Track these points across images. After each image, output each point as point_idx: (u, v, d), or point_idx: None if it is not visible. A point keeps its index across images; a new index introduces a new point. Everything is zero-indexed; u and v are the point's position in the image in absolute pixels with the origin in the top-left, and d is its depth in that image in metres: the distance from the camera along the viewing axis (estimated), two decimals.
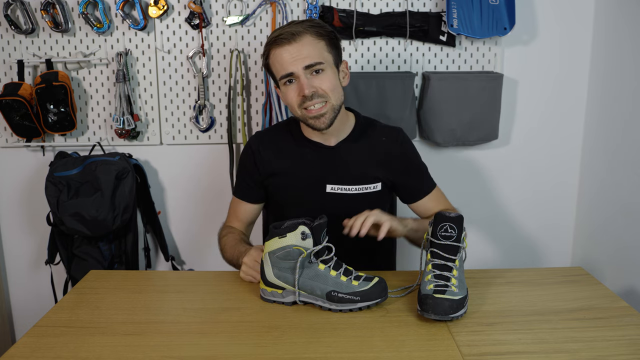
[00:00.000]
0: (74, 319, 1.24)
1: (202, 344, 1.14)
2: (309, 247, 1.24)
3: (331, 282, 1.25)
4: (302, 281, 1.26)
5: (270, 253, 1.28)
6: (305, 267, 1.26)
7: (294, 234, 1.24)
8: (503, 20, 1.93)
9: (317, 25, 1.46)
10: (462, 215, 1.29)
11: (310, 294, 1.26)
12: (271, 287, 1.29)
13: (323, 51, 1.44)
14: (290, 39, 1.41)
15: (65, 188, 1.95)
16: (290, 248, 1.24)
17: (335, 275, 1.25)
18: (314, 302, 1.27)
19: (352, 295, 1.24)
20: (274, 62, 1.46)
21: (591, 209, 2.11)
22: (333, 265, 1.27)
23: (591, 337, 1.15)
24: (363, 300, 1.24)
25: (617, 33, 1.93)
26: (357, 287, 1.24)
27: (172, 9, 1.99)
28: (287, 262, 1.26)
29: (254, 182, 1.60)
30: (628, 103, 1.85)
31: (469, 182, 2.18)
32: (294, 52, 1.41)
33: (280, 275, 1.27)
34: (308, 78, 1.42)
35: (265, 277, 1.29)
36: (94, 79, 2.05)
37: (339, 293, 1.24)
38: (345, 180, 1.55)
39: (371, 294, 1.24)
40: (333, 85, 1.45)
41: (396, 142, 1.58)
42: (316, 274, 1.25)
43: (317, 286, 1.25)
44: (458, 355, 1.08)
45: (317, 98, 1.43)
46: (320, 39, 1.44)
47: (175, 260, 2.20)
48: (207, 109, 2.06)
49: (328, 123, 1.47)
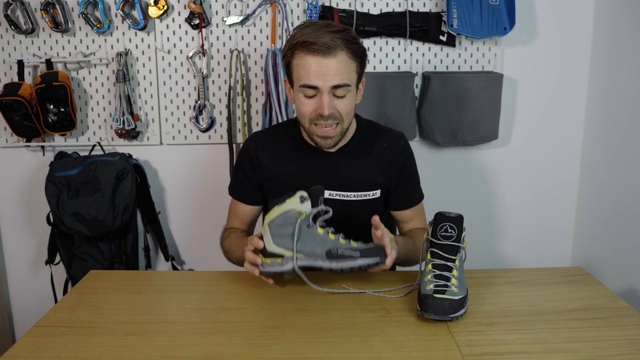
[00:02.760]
0: (74, 319, 1.24)
1: (202, 344, 1.14)
2: (308, 210, 1.26)
3: (330, 243, 1.27)
4: (302, 244, 1.27)
5: (269, 223, 1.29)
6: (304, 231, 1.27)
7: (293, 199, 1.27)
8: (503, 20, 1.93)
9: (353, 41, 1.37)
10: (462, 215, 1.29)
11: (309, 255, 1.27)
12: (271, 257, 1.29)
13: (352, 72, 1.38)
14: (326, 52, 1.33)
15: (65, 188, 1.95)
16: (289, 212, 1.26)
17: (335, 237, 1.28)
18: (313, 264, 1.27)
19: (352, 251, 1.26)
20: (299, 66, 1.37)
21: (591, 209, 2.11)
22: (332, 230, 1.30)
23: (591, 337, 1.15)
24: (363, 256, 1.26)
25: (617, 33, 1.93)
26: (357, 246, 1.28)
27: (172, 9, 1.99)
28: (286, 227, 1.27)
29: (250, 184, 1.58)
30: (628, 103, 1.85)
31: (469, 182, 2.18)
32: (324, 66, 1.34)
33: (279, 242, 1.28)
34: (330, 97, 1.37)
35: (265, 249, 1.30)
36: (94, 79, 2.05)
37: (338, 249, 1.26)
38: (344, 187, 1.52)
39: (371, 252, 1.27)
40: (350, 109, 1.42)
41: (397, 150, 1.55)
42: (315, 237, 1.27)
43: (316, 247, 1.27)
44: (458, 355, 1.08)
45: (332, 120, 1.39)
46: (353, 60, 1.38)
47: (175, 260, 2.20)
48: (207, 109, 2.06)
49: (333, 145, 1.46)
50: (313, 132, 1.44)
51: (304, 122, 1.44)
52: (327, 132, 1.41)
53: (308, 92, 1.38)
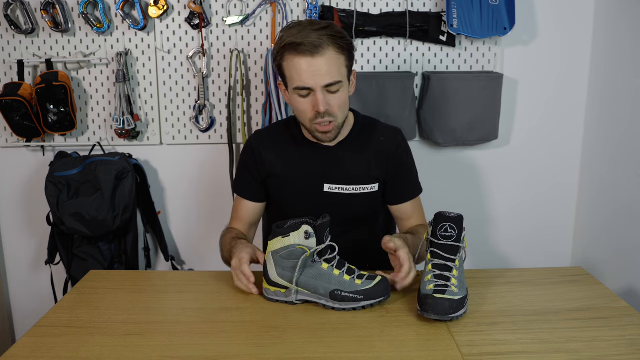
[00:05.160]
0: (74, 319, 1.24)
1: (202, 344, 1.14)
2: (312, 247, 1.24)
3: (334, 281, 1.25)
4: (305, 280, 1.26)
5: (273, 252, 1.28)
6: (309, 266, 1.26)
7: (298, 234, 1.24)
8: (503, 20, 1.93)
9: (338, 36, 1.40)
10: (462, 215, 1.29)
11: (313, 293, 1.26)
12: (274, 287, 1.29)
13: (342, 67, 1.41)
14: (313, 51, 1.36)
15: (65, 188, 1.95)
16: (294, 247, 1.24)
17: (339, 274, 1.26)
18: (317, 301, 1.27)
19: (356, 294, 1.24)
20: (289, 68, 1.41)
21: (591, 209, 2.11)
22: (336, 264, 1.27)
23: (591, 337, 1.15)
24: (367, 299, 1.24)
25: (617, 33, 1.93)
26: (360, 285, 1.25)
27: (172, 9, 1.99)
28: (290, 261, 1.26)
29: (254, 180, 1.60)
30: (628, 103, 1.85)
31: (469, 182, 2.18)
32: (314, 66, 1.37)
33: (283, 274, 1.27)
34: (324, 94, 1.40)
35: (268, 276, 1.29)
36: (94, 79, 2.05)
37: (342, 292, 1.24)
38: (343, 180, 1.55)
39: (374, 293, 1.25)
40: (344, 103, 1.45)
41: (394, 143, 1.58)
42: (319, 273, 1.25)
43: (320, 285, 1.25)
44: (458, 355, 1.08)
45: (327, 116, 1.43)
46: (341, 54, 1.40)
47: (175, 260, 2.20)
48: (207, 109, 2.06)
49: (333, 138, 1.50)
50: (314, 130, 1.48)
51: (305, 121, 1.48)
52: (325, 127, 1.46)
53: (302, 93, 1.42)
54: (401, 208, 1.61)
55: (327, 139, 1.49)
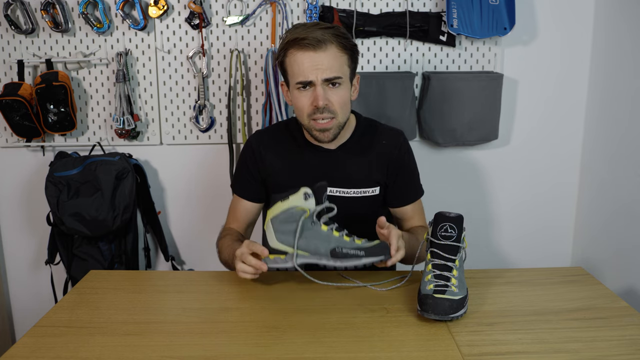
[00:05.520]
0: (74, 319, 1.24)
1: (202, 344, 1.14)
2: (312, 207, 1.26)
3: (334, 241, 1.26)
4: (306, 242, 1.26)
5: (272, 219, 1.28)
6: (308, 228, 1.26)
7: (296, 196, 1.26)
8: (503, 20, 1.93)
9: (342, 36, 1.43)
10: (462, 215, 1.29)
11: (314, 253, 1.27)
12: (274, 254, 1.29)
13: (344, 65, 1.43)
14: (316, 46, 1.38)
15: (65, 188, 1.95)
16: (293, 209, 1.26)
17: (339, 235, 1.27)
18: (317, 262, 1.27)
19: (357, 250, 1.25)
20: (292, 64, 1.43)
21: (591, 209, 2.11)
22: (335, 227, 1.29)
23: (591, 337, 1.15)
24: (367, 256, 1.25)
25: (617, 33, 1.93)
26: (361, 244, 1.27)
27: (172, 9, 1.99)
28: (289, 224, 1.26)
29: (254, 180, 1.60)
30: (628, 103, 1.85)
31: (469, 182, 2.18)
32: (316, 60, 1.39)
33: (283, 239, 1.27)
34: (324, 89, 1.41)
35: (268, 244, 1.29)
36: (94, 79, 2.05)
37: (343, 248, 1.25)
38: (344, 184, 1.54)
39: (375, 251, 1.26)
40: (344, 101, 1.45)
41: (396, 146, 1.58)
42: (319, 235, 1.26)
43: (320, 244, 1.26)
44: (458, 355, 1.08)
45: (327, 112, 1.43)
46: (344, 53, 1.42)
47: (175, 260, 2.20)
48: (207, 109, 2.06)
49: (332, 137, 1.48)
50: (312, 127, 1.47)
51: (303, 119, 1.47)
52: (324, 124, 1.44)
53: (303, 87, 1.43)
54: (402, 210, 1.61)
55: (325, 137, 1.47)
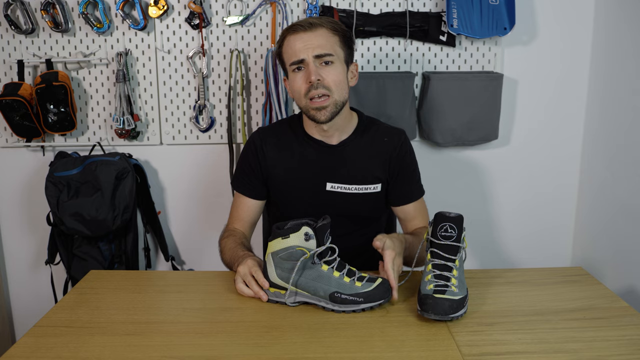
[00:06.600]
0: (74, 319, 1.24)
1: (202, 344, 1.14)
2: (312, 248, 1.24)
3: (334, 283, 1.24)
4: (305, 282, 1.25)
5: (273, 254, 1.27)
6: (308, 267, 1.25)
7: (297, 235, 1.23)
8: (503, 20, 1.93)
9: (334, 22, 1.50)
10: (462, 215, 1.29)
11: (313, 295, 1.26)
12: (274, 288, 1.29)
13: (335, 45, 1.47)
14: (307, 27, 1.45)
15: (65, 188, 1.95)
16: (293, 249, 1.24)
17: (339, 276, 1.25)
18: (316, 303, 1.26)
19: (355, 297, 1.24)
20: (287, 49, 1.48)
21: (591, 209, 2.11)
22: (336, 266, 1.26)
23: (591, 337, 1.15)
24: (366, 302, 1.24)
25: (617, 33, 1.93)
26: (360, 288, 1.24)
27: (172, 9, 2.00)
28: (289, 262, 1.25)
29: (255, 177, 1.60)
30: (628, 103, 1.85)
31: (469, 182, 2.18)
32: (307, 40, 1.45)
33: (283, 275, 1.27)
34: (317, 66, 1.45)
35: (268, 277, 1.29)
36: (94, 79, 2.05)
37: (342, 294, 1.23)
38: (346, 179, 1.55)
39: (374, 295, 1.24)
40: (339, 80, 1.47)
41: (397, 144, 1.58)
42: (319, 275, 1.25)
43: (320, 287, 1.25)
44: (458, 355, 1.08)
45: (321, 89, 1.44)
46: (335, 34, 1.48)
47: (175, 260, 2.20)
48: (207, 109, 2.06)
49: (329, 116, 1.47)
50: (308, 108, 1.48)
51: (300, 101, 1.49)
52: (320, 102, 1.46)
53: (296, 68, 1.47)
54: (404, 209, 1.61)
55: (322, 116, 1.47)
